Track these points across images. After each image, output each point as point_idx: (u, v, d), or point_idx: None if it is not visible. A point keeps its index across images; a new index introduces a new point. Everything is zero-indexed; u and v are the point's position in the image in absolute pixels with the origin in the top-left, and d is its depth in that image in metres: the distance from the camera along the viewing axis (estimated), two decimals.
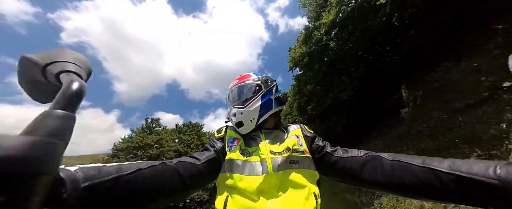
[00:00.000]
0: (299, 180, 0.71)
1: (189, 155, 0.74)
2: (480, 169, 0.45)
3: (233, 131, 0.86)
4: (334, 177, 0.79)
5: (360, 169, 0.69)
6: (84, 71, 0.39)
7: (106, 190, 0.40)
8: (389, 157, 0.64)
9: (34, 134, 0.23)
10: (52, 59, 0.36)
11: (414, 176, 0.55)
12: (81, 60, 0.40)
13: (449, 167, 0.50)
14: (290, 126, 0.90)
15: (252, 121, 0.83)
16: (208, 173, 0.72)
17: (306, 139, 0.84)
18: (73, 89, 0.31)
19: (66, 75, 0.35)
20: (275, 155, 0.74)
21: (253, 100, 0.85)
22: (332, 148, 0.81)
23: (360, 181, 0.70)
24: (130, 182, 0.46)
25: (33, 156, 0.21)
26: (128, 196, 0.45)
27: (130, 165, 0.50)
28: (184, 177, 0.61)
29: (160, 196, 0.54)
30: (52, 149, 0.24)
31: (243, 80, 0.92)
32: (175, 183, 0.59)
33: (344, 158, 0.74)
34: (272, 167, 0.71)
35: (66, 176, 0.34)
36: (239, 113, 0.82)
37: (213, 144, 0.81)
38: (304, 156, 0.78)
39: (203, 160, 0.71)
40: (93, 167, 0.41)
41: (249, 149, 0.78)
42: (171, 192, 0.58)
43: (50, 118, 0.26)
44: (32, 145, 0.22)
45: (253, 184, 0.67)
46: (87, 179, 0.37)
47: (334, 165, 0.76)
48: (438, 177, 0.50)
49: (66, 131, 0.27)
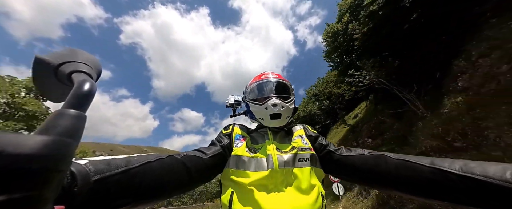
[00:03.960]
0: (306, 177, 0.71)
1: (196, 149, 0.74)
2: (497, 172, 0.42)
3: (241, 129, 0.86)
4: (338, 175, 0.79)
5: (364, 167, 0.68)
6: (95, 71, 0.40)
7: (116, 183, 0.41)
8: (394, 156, 0.62)
9: (48, 133, 0.24)
10: (64, 60, 0.37)
11: (422, 177, 0.53)
12: (92, 60, 0.41)
13: (461, 169, 0.47)
14: (294, 127, 0.91)
15: (287, 118, 0.85)
16: (214, 167, 0.73)
17: (309, 138, 0.85)
18: (84, 89, 0.32)
19: (78, 75, 0.36)
20: (281, 152, 0.75)
21: (292, 100, 0.89)
22: (336, 147, 0.81)
23: (364, 180, 0.70)
24: (139, 175, 0.46)
25: (47, 155, 0.22)
26: (137, 188, 0.46)
27: (139, 158, 0.50)
28: (191, 170, 0.62)
29: (168, 188, 0.55)
30: (65, 147, 0.25)
31: (283, 79, 0.94)
32: (182, 175, 0.59)
33: (348, 156, 0.74)
34: (278, 163, 0.71)
35: (77, 170, 0.34)
36: (281, 106, 0.82)
37: (220, 139, 0.81)
38: (311, 152, 0.78)
39: (210, 154, 0.72)
40: (102, 160, 0.42)
41: (255, 146, 0.79)
42: (178, 184, 0.58)
43: (62, 117, 0.27)
44: (46, 144, 0.22)
45: (258, 179, 0.68)
46: (97, 173, 0.38)
47: (338, 163, 0.76)
48: (449, 179, 0.48)
49: (78, 130, 0.27)
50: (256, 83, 0.94)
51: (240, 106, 1.07)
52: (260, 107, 0.85)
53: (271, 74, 0.96)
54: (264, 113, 0.84)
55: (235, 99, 1.06)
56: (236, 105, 1.07)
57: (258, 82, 0.93)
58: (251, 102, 0.91)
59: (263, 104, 0.84)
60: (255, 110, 0.88)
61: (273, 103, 0.82)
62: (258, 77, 0.97)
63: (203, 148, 0.75)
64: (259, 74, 1.00)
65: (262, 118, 0.86)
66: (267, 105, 0.82)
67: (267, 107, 0.82)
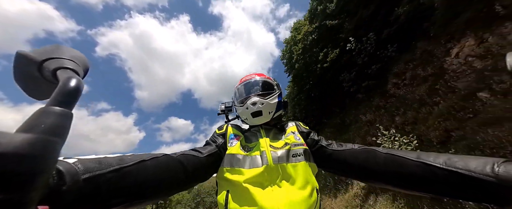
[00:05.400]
0: (300, 172, 0.71)
1: (192, 149, 0.75)
2: (478, 165, 0.44)
3: (235, 129, 0.88)
4: (330, 170, 0.81)
5: (354, 161, 0.70)
6: (81, 68, 0.38)
7: (107, 182, 0.39)
8: (383, 151, 0.65)
9: (31, 131, 0.23)
10: (49, 56, 0.35)
11: (408, 170, 0.55)
12: (78, 57, 0.39)
13: (444, 162, 0.49)
14: (286, 124, 0.94)
15: (270, 114, 0.87)
16: (210, 166, 0.73)
17: (301, 134, 0.87)
18: (70, 86, 0.31)
19: (63, 72, 0.34)
20: (274, 149, 0.76)
21: (273, 95, 0.90)
22: (327, 142, 0.83)
23: (354, 174, 0.72)
24: (132, 174, 0.45)
25: (30, 154, 0.21)
26: (130, 187, 0.44)
27: (133, 157, 0.48)
28: (187, 168, 0.61)
29: (163, 187, 0.53)
30: (50, 146, 0.23)
31: (264, 77, 0.97)
32: (178, 174, 0.59)
33: (339, 151, 0.76)
34: (272, 159, 0.72)
35: (65, 169, 0.33)
36: (260, 103, 0.84)
37: (214, 139, 0.82)
38: (304, 148, 0.79)
39: (206, 153, 0.72)
40: (93, 159, 0.40)
41: (249, 145, 0.80)
42: (174, 183, 0.57)
43: (47, 115, 0.25)
44: (29, 143, 0.21)
45: (253, 176, 0.68)
46: (87, 171, 0.36)
47: (329, 158, 0.78)
48: (433, 172, 0.50)
49: (64, 128, 0.26)
50: (237, 87, 0.98)
51: (231, 111, 1.10)
52: (242, 108, 0.88)
53: (252, 75, 0.99)
54: (246, 113, 0.86)
55: (226, 106, 1.09)
56: (227, 111, 1.09)
57: (238, 86, 0.97)
58: (236, 106, 0.96)
59: (244, 104, 0.87)
60: (239, 112, 0.92)
61: (252, 102, 0.85)
62: (239, 81, 1.00)
63: (198, 148, 0.75)
64: (241, 78, 1.02)
65: (246, 118, 0.89)
66: (247, 104, 0.85)
67: (247, 107, 0.85)
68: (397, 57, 6.84)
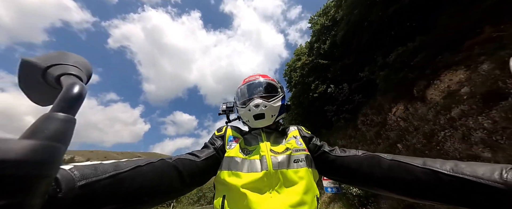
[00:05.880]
0: (301, 179, 0.68)
1: (189, 152, 0.72)
2: (485, 172, 0.43)
3: (234, 130, 0.86)
4: (332, 177, 0.78)
5: (358, 168, 0.68)
6: (85, 74, 0.39)
7: (103, 188, 0.40)
8: (387, 157, 0.63)
9: (34, 137, 0.23)
10: (53, 62, 0.36)
11: (414, 177, 0.54)
12: (82, 63, 0.39)
13: (452, 169, 0.48)
14: (288, 128, 0.92)
15: (272, 117, 0.86)
16: (207, 171, 0.71)
17: (303, 139, 0.84)
18: (74, 92, 0.31)
19: (67, 78, 0.34)
20: (275, 154, 0.74)
21: (277, 98, 0.88)
22: (330, 148, 0.81)
23: (358, 180, 0.69)
24: (127, 180, 0.45)
25: (34, 160, 0.21)
26: (126, 193, 0.44)
27: (128, 163, 0.49)
28: (183, 174, 0.60)
29: (159, 193, 0.53)
30: (53, 152, 0.24)
31: (268, 78, 0.96)
32: (174, 180, 0.58)
33: (342, 157, 0.74)
34: (272, 164, 0.70)
35: (61, 176, 0.33)
36: (263, 105, 0.83)
37: (213, 142, 0.81)
38: (306, 153, 0.77)
39: (203, 157, 0.71)
40: (89, 165, 0.41)
41: (248, 148, 0.78)
42: (170, 189, 0.57)
43: (50, 121, 0.25)
44: (33, 149, 0.21)
45: (251, 181, 0.66)
46: (83, 178, 0.37)
47: (332, 164, 0.76)
48: (440, 179, 0.49)
49: (67, 134, 0.26)
50: (240, 88, 0.96)
51: (233, 111, 1.07)
52: (244, 110, 0.87)
53: (256, 76, 0.98)
54: (248, 115, 0.85)
55: (227, 106, 1.06)
56: (228, 112, 1.06)
57: (241, 86, 0.96)
58: (238, 106, 0.94)
59: (247, 106, 0.86)
60: (241, 113, 0.90)
61: (254, 104, 0.83)
62: (242, 82, 0.98)
63: (196, 152, 0.73)
64: (245, 78, 1.00)
65: (247, 120, 0.88)
66: (250, 106, 0.84)
67: (250, 108, 0.84)
68: (365, 101, 9.34)
